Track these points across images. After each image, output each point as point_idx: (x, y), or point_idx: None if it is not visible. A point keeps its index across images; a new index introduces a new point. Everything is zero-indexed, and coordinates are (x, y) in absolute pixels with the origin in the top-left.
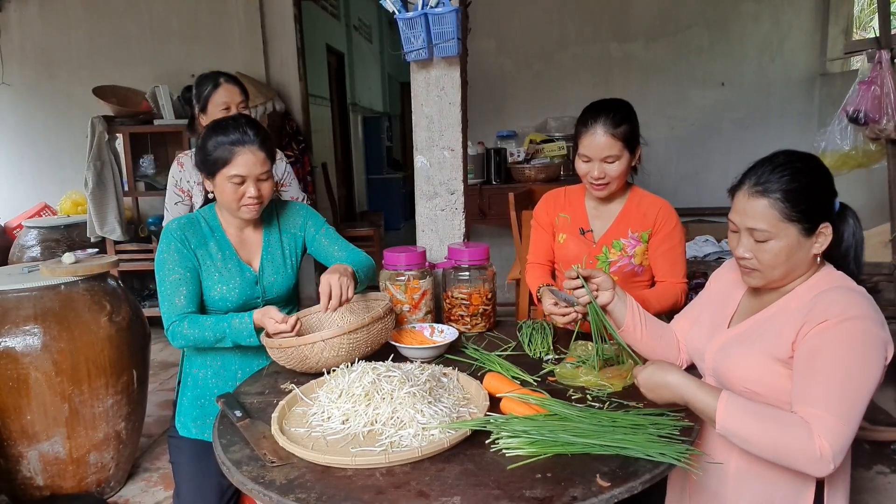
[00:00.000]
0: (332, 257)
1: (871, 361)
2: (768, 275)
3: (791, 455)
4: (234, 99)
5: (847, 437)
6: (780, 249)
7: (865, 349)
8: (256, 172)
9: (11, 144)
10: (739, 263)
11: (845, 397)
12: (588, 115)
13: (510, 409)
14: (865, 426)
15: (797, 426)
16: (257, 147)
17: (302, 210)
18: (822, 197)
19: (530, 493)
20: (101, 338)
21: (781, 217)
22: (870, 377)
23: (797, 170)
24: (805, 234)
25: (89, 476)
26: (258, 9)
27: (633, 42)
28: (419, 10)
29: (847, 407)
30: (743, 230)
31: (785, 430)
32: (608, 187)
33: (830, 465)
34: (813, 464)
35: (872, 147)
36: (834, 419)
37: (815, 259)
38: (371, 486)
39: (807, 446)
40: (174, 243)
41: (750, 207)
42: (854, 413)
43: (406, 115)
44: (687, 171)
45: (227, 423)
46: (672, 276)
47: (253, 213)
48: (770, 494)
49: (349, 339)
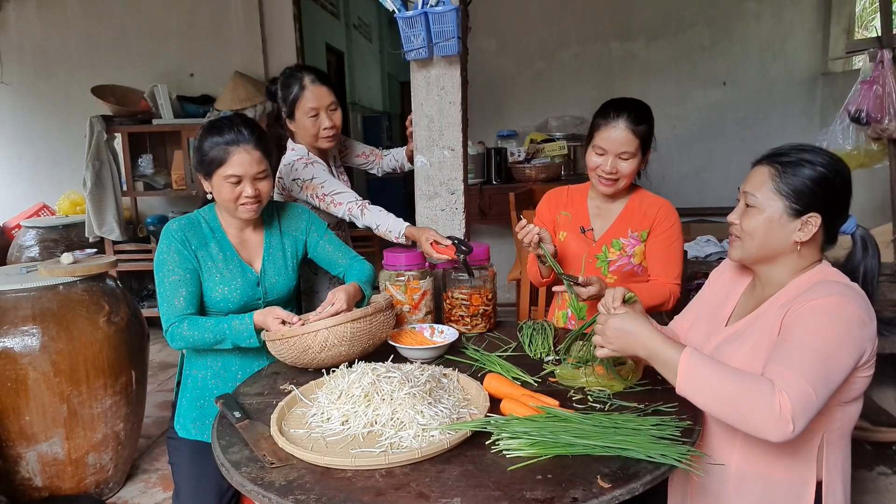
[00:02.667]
0: (335, 263)
1: (847, 342)
2: (746, 244)
3: (750, 411)
4: (322, 102)
5: (812, 401)
6: (762, 220)
7: (848, 327)
8: (253, 172)
9: (10, 144)
10: (729, 231)
11: (816, 365)
12: (610, 108)
13: (510, 410)
14: (867, 427)
15: (759, 381)
16: (252, 146)
17: (304, 213)
18: (824, 193)
19: (531, 495)
20: (99, 338)
21: (773, 188)
22: (844, 357)
23: (811, 158)
24: (790, 215)
25: (88, 477)
26: (257, 8)
27: (634, 41)
28: (419, 9)
29: (817, 375)
30: (741, 194)
31: (745, 384)
32: (617, 184)
33: (790, 426)
34: (771, 421)
35: (874, 147)
36: (800, 379)
37: (795, 246)
38: (371, 487)
39: (766, 401)
40: (174, 244)
41: (755, 174)
42: (823, 382)
43: (406, 114)
44: (688, 170)
45: (226, 424)
46: (665, 275)
47: (251, 212)
48: (770, 495)
49: (352, 327)
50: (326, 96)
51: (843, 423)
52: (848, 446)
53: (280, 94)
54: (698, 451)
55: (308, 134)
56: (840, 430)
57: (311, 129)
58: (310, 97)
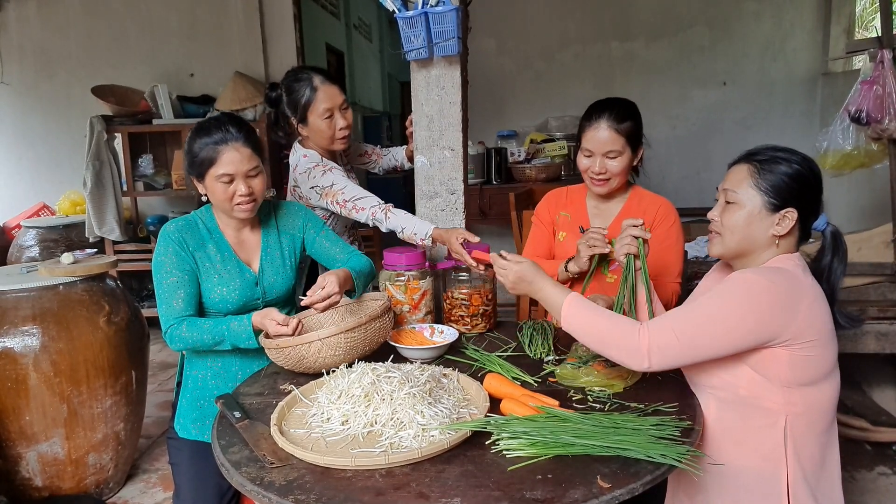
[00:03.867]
0: (333, 259)
1: (747, 317)
2: (726, 239)
3: (615, 342)
4: (335, 101)
5: (672, 344)
6: (742, 215)
7: (752, 305)
8: (244, 169)
9: (10, 144)
10: (709, 228)
11: (694, 321)
12: (593, 111)
13: (510, 410)
14: (867, 427)
15: (630, 323)
16: (242, 143)
17: (301, 211)
18: (800, 189)
19: (531, 495)
20: (99, 338)
21: (752, 183)
22: (738, 327)
23: (786, 157)
24: (768, 209)
25: (88, 477)
26: (257, 8)
27: (634, 41)
28: (419, 9)
29: (687, 326)
30: (720, 192)
31: (618, 323)
32: (608, 183)
33: (645, 360)
34: (628, 352)
35: (874, 147)
36: (668, 324)
37: (773, 240)
38: (371, 487)
39: (629, 336)
40: (172, 246)
41: (733, 172)
42: (692, 334)
43: (406, 114)
44: (688, 170)
45: (226, 424)
46: (667, 274)
47: (247, 212)
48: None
49: (346, 337)
50: (338, 95)
51: (809, 409)
52: (826, 439)
53: (287, 100)
54: (698, 451)
55: (324, 137)
56: (806, 416)
57: (327, 130)
58: (323, 98)
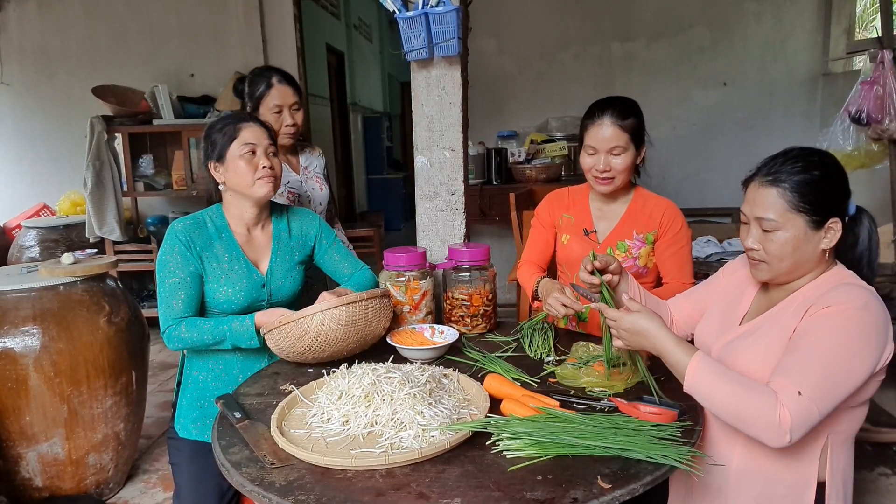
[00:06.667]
0: (341, 273)
1: (861, 353)
2: (775, 266)
3: (750, 418)
4: (286, 100)
5: (812, 416)
6: (787, 241)
7: (860, 339)
8: (265, 143)
9: (10, 144)
10: (748, 256)
11: (823, 379)
12: (595, 108)
13: (511, 411)
14: (868, 427)
15: (763, 392)
16: (259, 125)
17: (315, 220)
18: (833, 192)
19: (531, 495)
20: (99, 339)
21: (789, 207)
22: (855, 368)
23: (810, 163)
24: (813, 227)
25: (88, 477)
26: (258, 8)
27: (634, 41)
28: (419, 10)
29: (822, 389)
30: (752, 220)
31: (750, 393)
32: (613, 182)
33: (787, 437)
34: (769, 430)
35: (875, 147)
36: (804, 395)
37: (823, 255)
38: (371, 487)
39: (767, 412)
40: (178, 245)
41: (760, 197)
42: (827, 397)
43: (406, 114)
44: (689, 171)
45: (226, 425)
46: (680, 276)
47: (268, 187)
48: (770, 493)
49: (347, 311)
50: (291, 95)
51: (850, 426)
52: (852, 448)
53: (247, 91)
54: (699, 452)
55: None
56: (846, 432)
57: (275, 125)
58: (276, 95)
